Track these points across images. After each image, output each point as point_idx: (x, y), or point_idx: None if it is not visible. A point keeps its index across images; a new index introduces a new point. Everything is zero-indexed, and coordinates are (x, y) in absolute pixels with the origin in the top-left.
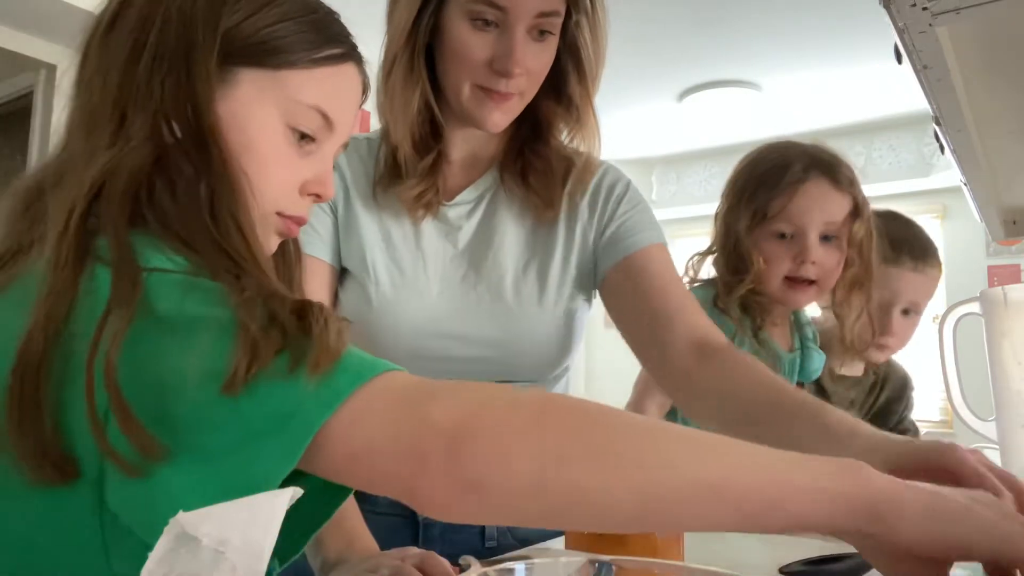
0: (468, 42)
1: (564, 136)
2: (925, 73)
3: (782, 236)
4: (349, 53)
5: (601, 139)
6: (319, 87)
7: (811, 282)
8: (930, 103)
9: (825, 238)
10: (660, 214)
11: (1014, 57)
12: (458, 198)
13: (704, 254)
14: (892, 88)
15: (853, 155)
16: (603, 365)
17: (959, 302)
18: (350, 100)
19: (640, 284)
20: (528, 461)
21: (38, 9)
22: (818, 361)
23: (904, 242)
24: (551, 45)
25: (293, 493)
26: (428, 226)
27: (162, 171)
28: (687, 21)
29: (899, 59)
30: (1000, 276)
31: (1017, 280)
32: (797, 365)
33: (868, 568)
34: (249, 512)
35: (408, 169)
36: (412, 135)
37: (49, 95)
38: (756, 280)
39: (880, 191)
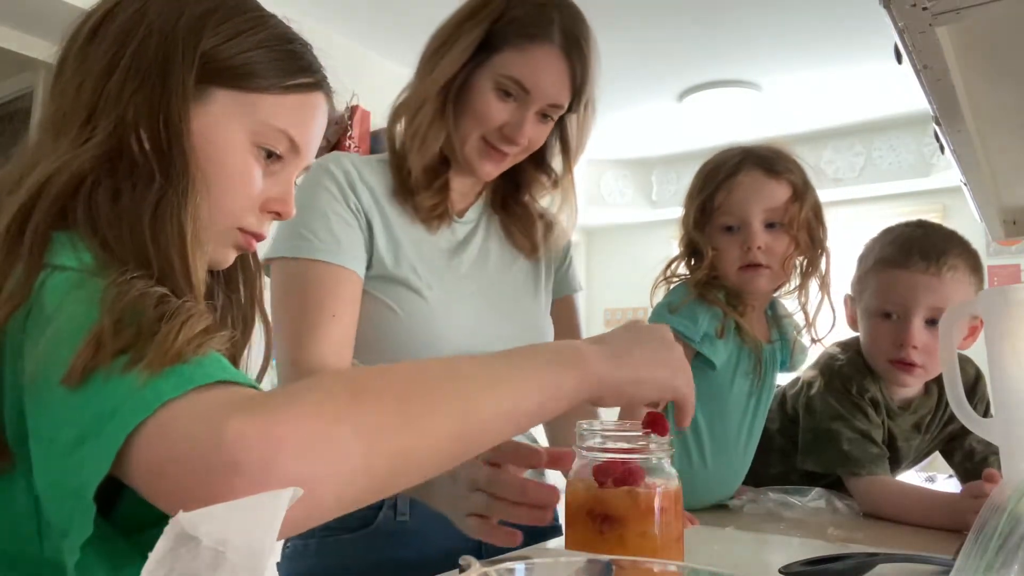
0: (491, 106)
1: (546, 201)
2: (925, 73)
3: (728, 228)
4: (319, 83)
5: (578, 209)
6: (288, 113)
7: (764, 266)
8: (930, 103)
9: (770, 225)
10: (660, 214)
11: (1014, 57)
12: (466, 216)
13: (678, 258)
14: (892, 88)
15: (853, 155)
16: None
17: (959, 303)
18: (316, 127)
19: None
20: (353, 442)
21: (38, 9)
22: (800, 355)
23: (914, 242)
24: (549, 125)
25: (293, 493)
26: (444, 238)
27: (110, 176)
28: (687, 21)
29: (899, 59)
30: (1000, 276)
31: (1017, 280)
32: (777, 356)
33: (868, 568)
34: (249, 512)
35: (419, 186)
36: (427, 165)
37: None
38: (712, 269)
39: (880, 191)
